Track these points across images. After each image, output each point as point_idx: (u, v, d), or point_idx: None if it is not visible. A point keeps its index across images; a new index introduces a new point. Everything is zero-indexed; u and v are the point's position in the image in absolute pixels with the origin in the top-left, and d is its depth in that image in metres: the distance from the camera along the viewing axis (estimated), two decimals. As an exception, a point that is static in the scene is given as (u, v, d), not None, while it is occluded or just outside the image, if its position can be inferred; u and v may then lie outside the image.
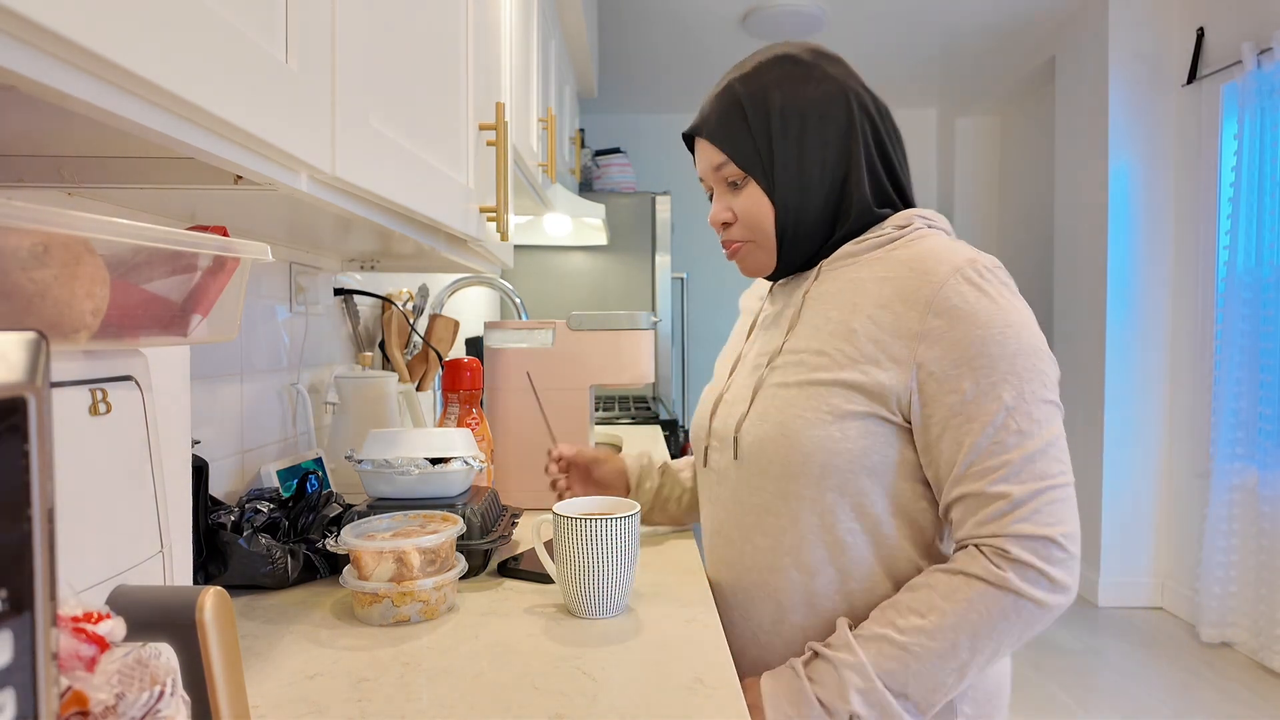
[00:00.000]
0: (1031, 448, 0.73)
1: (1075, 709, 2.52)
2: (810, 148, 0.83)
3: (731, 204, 0.88)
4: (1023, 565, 0.72)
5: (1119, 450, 3.35)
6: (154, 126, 0.40)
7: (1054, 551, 0.72)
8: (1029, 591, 0.72)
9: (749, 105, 0.84)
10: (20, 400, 0.24)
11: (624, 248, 3.52)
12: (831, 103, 0.83)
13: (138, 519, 0.49)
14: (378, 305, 1.64)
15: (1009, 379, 0.74)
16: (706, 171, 0.89)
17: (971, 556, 0.74)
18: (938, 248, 0.79)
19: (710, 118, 0.86)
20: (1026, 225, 4.57)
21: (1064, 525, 0.73)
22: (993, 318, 0.74)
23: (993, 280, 0.77)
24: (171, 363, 0.57)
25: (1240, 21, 2.92)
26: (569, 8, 2.63)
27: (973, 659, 0.74)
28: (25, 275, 0.37)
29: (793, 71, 0.84)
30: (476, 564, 0.97)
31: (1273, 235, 2.78)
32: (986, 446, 0.73)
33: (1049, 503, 0.73)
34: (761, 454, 0.83)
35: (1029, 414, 0.73)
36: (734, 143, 0.85)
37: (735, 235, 0.89)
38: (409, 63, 0.79)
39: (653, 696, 0.65)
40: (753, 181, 0.85)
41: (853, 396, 0.78)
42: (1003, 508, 0.73)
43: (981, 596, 0.73)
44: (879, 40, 3.86)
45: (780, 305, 0.92)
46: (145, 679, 0.33)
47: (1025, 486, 0.73)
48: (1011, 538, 0.72)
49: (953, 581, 0.74)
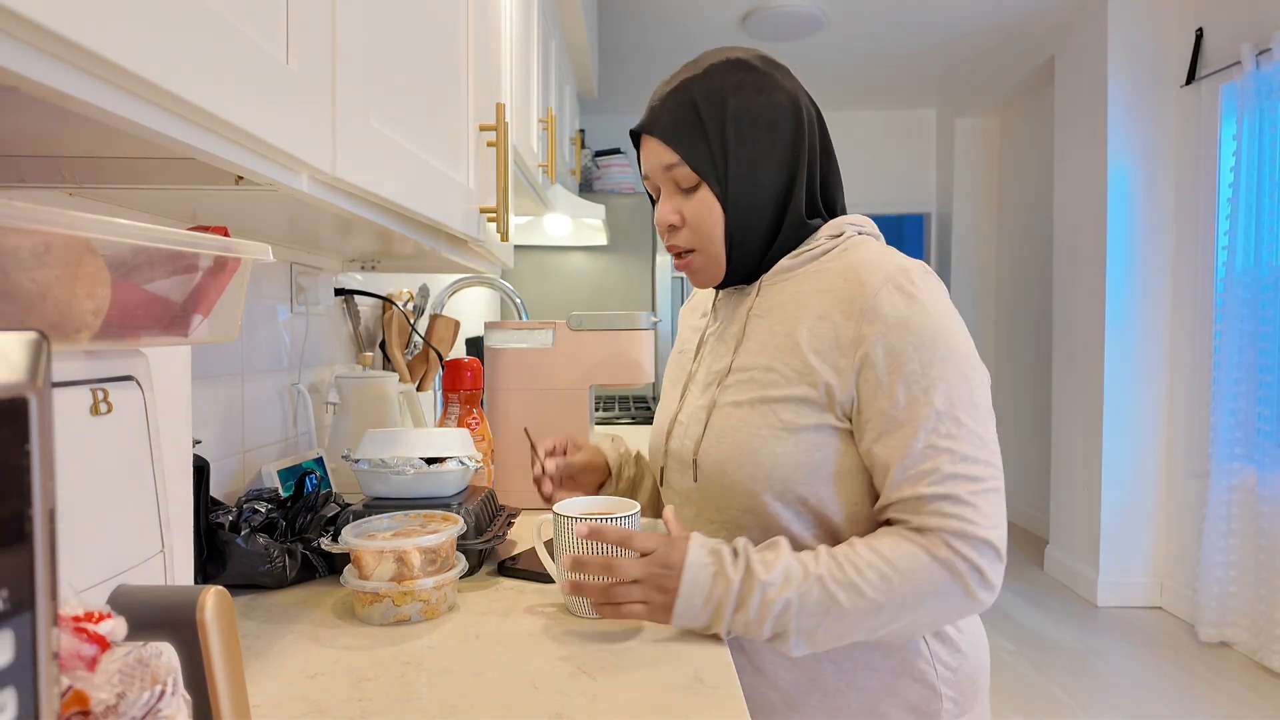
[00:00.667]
0: (962, 451, 0.74)
1: (1074, 709, 2.52)
2: (761, 156, 0.83)
3: (681, 207, 0.86)
4: (964, 559, 0.73)
5: (1118, 450, 3.36)
6: (155, 127, 0.40)
7: (989, 554, 0.74)
8: (966, 581, 0.73)
9: (704, 107, 0.83)
10: (21, 400, 0.24)
11: (624, 248, 3.52)
12: (782, 113, 0.83)
13: (139, 519, 0.50)
14: (378, 305, 1.64)
15: (939, 384, 0.75)
16: (655, 170, 0.87)
17: (925, 535, 0.75)
18: (870, 257, 0.81)
19: (662, 116, 0.85)
20: (1026, 226, 4.57)
21: (998, 529, 0.75)
22: (922, 324, 0.76)
23: (923, 287, 0.78)
24: (172, 363, 0.57)
25: (1239, 22, 2.92)
26: (569, 8, 2.63)
27: (887, 625, 0.74)
28: (26, 275, 0.37)
29: (746, 79, 0.83)
30: (472, 564, 0.97)
31: (1271, 236, 2.78)
32: (920, 450, 0.75)
33: (985, 503, 0.74)
34: (723, 474, 0.83)
35: (958, 418, 0.75)
36: (688, 145, 0.83)
37: (682, 241, 0.87)
38: (409, 63, 0.79)
39: (653, 696, 0.65)
40: (705, 186, 0.84)
41: (804, 410, 0.79)
42: (944, 507, 0.74)
43: (925, 569, 0.73)
44: (879, 40, 3.86)
45: (724, 322, 0.92)
46: (146, 678, 0.34)
47: (962, 488, 0.74)
48: (956, 535, 0.73)
49: (903, 548, 0.74)
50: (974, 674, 0.85)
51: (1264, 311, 2.80)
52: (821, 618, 0.73)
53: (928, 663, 0.82)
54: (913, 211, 5.16)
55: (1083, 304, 3.52)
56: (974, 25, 3.67)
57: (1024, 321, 4.64)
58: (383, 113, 0.71)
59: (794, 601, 0.73)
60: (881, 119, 5.10)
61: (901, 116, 5.10)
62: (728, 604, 0.74)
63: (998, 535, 0.74)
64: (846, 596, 0.73)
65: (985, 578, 0.74)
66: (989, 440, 0.77)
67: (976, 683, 0.85)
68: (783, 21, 3.53)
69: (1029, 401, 4.59)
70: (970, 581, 0.74)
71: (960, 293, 5.00)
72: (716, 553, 0.76)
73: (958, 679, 0.83)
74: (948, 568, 0.73)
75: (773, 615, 0.73)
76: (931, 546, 0.74)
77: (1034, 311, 4.51)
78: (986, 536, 0.73)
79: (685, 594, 0.74)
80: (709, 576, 0.75)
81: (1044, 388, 4.39)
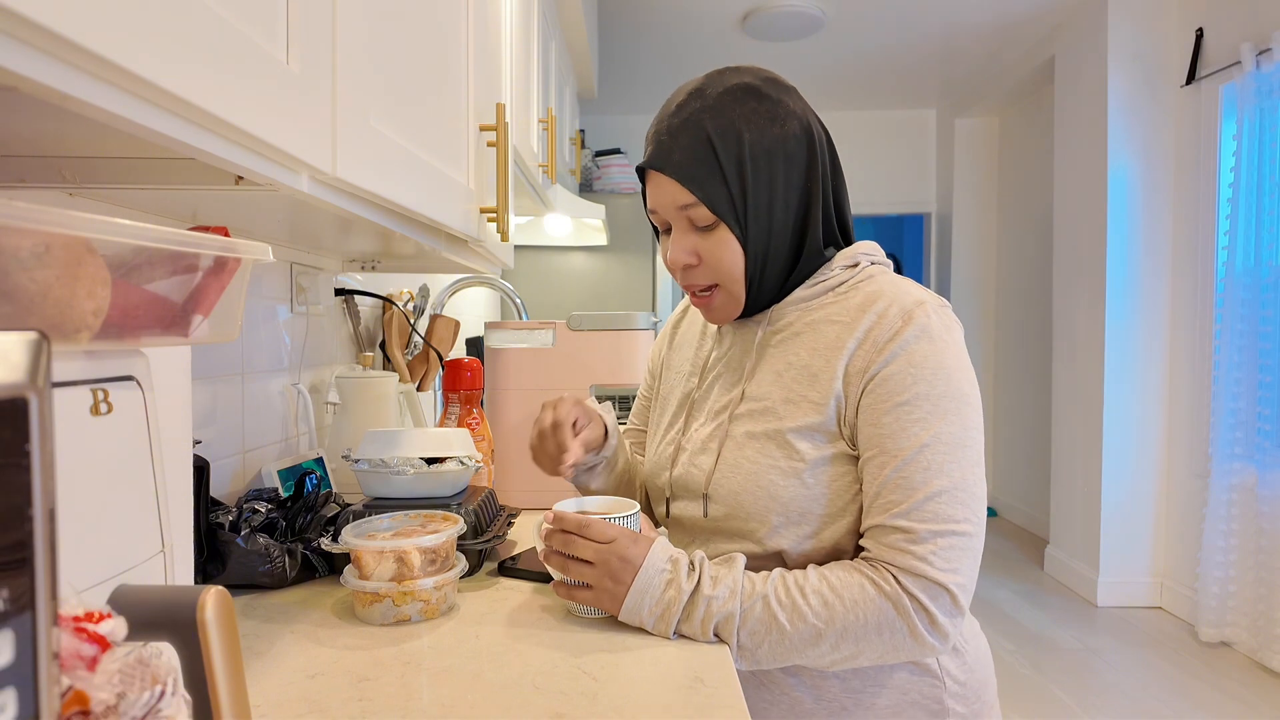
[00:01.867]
0: (937, 487, 0.73)
1: (1074, 709, 2.52)
2: (778, 190, 0.81)
3: (697, 246, 0.83)
4: (912, 599, 0.72)
5: (1118, 450, 3.36)
6: (155, 127, 0.40)
7: (943, 600, 0.72)
8: (913, 621, 0.72)
9: (720, 145, 0.79)
10: (22, 400, 0.24)
11: (624, 248, 3.52)
12: (796, 142, 0.82)
13: (139, 518, 0.50)
14: (378, 305, 1.64)
15: (929, 420, 0.74)
16: (667, 208, 0.82)
17: (875, 568, 0.74)
18: (886, 289, 0.80)
19: (674, 154, 0.80)
20: (1026, 225, 4.57)
21: (959, 575, 0.72)
22: (927, 359, 0.76)
23: (937, 323, 0.77)
24: (173, 363, 0.57)
25: (1239, 22, 2.92)
26: (569, 8, 2.63)
27: (827, 655, 0.74)
28: (27, 275, 0.37)
29: (759, 109, 0.80)
30: (472, 564, 0.97)
31: (1271, 236, 2.78)
32: (894, 480, 0.74)
33: (947, 547, 0.72)
34: (739, 507, 0.82)
35: (941, 457, 0.74)
36: (706, 186, 0.80)
37: (701, 279, 0.84)
38: (409, 64, 0.79)
39: (653, 696, 0.65)
40: (723, 226, 0.81)
41: (818, 440, 0.79)
42: (899, 541, 0.73)
43: (869, 603, 0.72)
44: (879, 40, 3.86)
45: (729, 348, 0.90)
46: (146, 678, 0.34)
47: (925, 525, 0.73)
48: (906, 573, 0.72)
49: (851, 579, 0.74)
50: (981, 687, 0.84)
51: (1264, 311, 2.80)
52: (763, 636, 0.74)
53: (937, 678, 0.81)
54: (913, 211, 5.16)
55: (1083, 304, 3.52)
56: (974, 25, 3.67)
57: (1024, 321, 4.64)
58: (383, 113, 0.71)
59: (736, 616, 0.74)
60: (881, 119, 5.10)
61: (901, 116, 5.10)
62: (674, 612, 0.75)
63: (956, 582, 0.72)
64: (787, 618, 0.73)
65: (935, 625, 0.72)
66: (970, 486, 0.74)
67: (983, 695, 0.84)
68: (783, 21, 3.53)
69: (1029, 401, 4.59)
70: (917, 623, 0.72)
71: (960, 293, 5.00)
72: (675, 561, 0.77)
73: (965, 693, 0.82)
74: (894, 604, 0.72)
75: (713, 625, 0.74)
76: (878, 580, 0.73)
77: (1034, 311, 4.51)
78: (941, 580, 0.71)
79: (636, 592, 0.76)
80: (662, 583, 0.76)
81: (1044, 387, 4.39)
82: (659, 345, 1.07)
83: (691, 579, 0.76)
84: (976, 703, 0.83)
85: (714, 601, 0.74)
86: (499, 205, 1.07)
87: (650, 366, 1.08)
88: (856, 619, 0.72)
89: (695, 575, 0.76)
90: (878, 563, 0.74)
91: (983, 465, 0.77)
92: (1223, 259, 3.00)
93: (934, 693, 0.81)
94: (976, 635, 0.87)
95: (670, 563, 0.77)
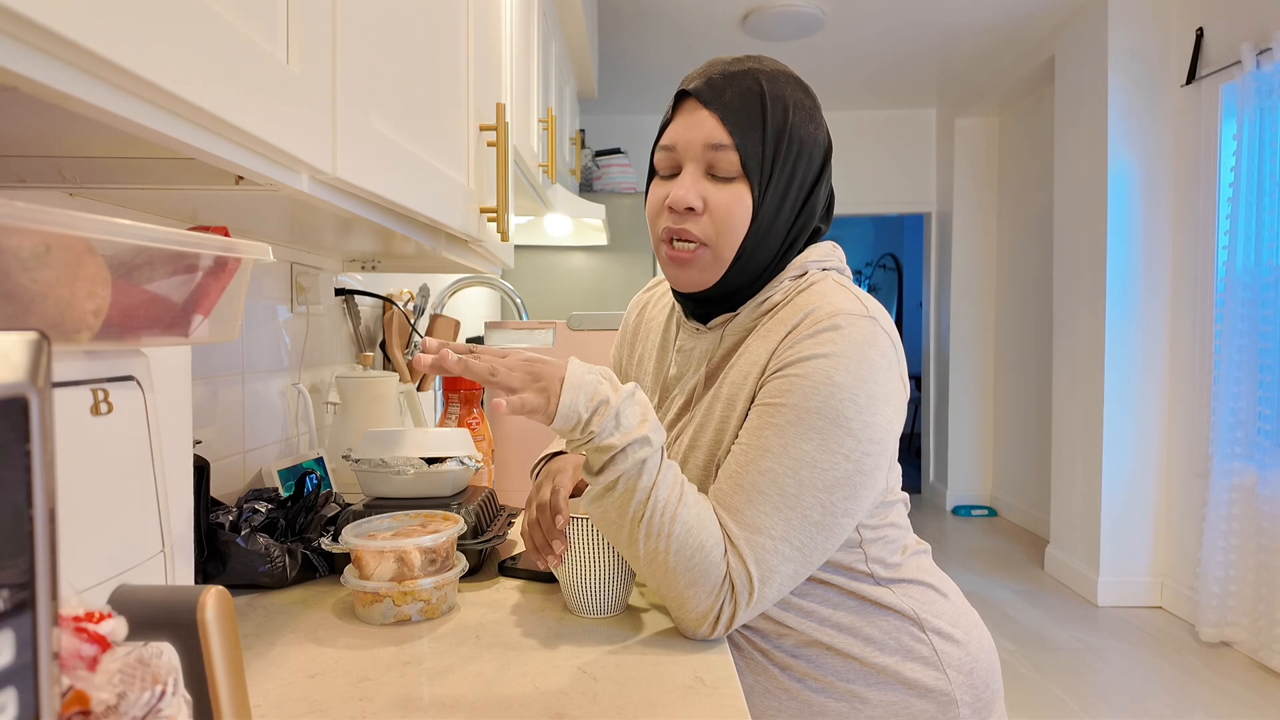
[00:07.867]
0: (764, 497, 0.72)
1: (1075, 709, 2.52)
2: (794, 182, 0.81)
3: (708, 193, 0.79)
4: (732, 583, 0.72)
5: (1118, 449, 3.36)
6: (155, 127, 0.40)
7: (742, 586, 0.72)
8: (728, 578, 0.72)
9: (770, 108, 0.78)
10: (22, 400, 0.24)
11: (624, 248, 3.52)
12: (819, 149, 0.82)
13: (139, 518, 0.50)
14: (378, 305, 1.64)
15: (784, 429, 0.73)
16: (694, 144, 0.79)
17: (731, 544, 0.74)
18: (815, 298, 0.78)
19: (725, 92, 0.78)
20: (1026, 225, 4.57)
21: (765, 574, 0.72)
22: (814, 372, 0.73)
23: (846, 335, 0.74)
24: (173, 363, 0.57)
25: (1239, 22, 2.92)
26: (569, 8, 2.63)
27: (636, 543, 0.73)
28: (27, 276, 0.37)
29: (804, 102, 0.81)
30: (472, 564, 0.97)
31: (1272, 235, 2.78)
32: (733, 469, 0.75)
33: (758, 547, 0.72)
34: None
35: (779, 468, 0.72)
36: (747, 134, 0.77)
37: (697, 229, 0.79)
38: (410, 64, 0.79)
39: (653, 696, 0.65)
40: (743, 183, 0.78)
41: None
42: (724, 520, 0.74)
43: (702, 526, 0.72)
44: (879, 40, 3.86)
45: (683, 370, 0.88)
46: (147, 678, 0.34)
47: (737, 524, 0.73)
48: (735, 554, 0.73)
49: (715, 533, 0.73)
50: (987, 679, 0.84)
51: (1264, 311, 2.80)
52: (649, 490, 0.71)
53: (941, 672, 0.81)
54: (913, 211, 5.17)
55: (1083, 303, 3.52)
56: (974, 25, 3.67)
57: (1024, 321, 4.64)
58: (383, 113, 0.71)
59: (654, 461, 0.71)
60: (881, 119, 5.10)
61: (901, 116, 5.10)
62: (611, 407, 0.70)
63: (759, 575, 0.72)
64: (659, 511, 0.71)
65: (733, 596, 0.73)
66: (805, 509, 0.72)
67: (990, 687, 0.84)
68: (783, 21, 3.53)
69: (1029, 401, 4.59)
70: (724, 587, 0.72)
71: (960, 293, 5.00)
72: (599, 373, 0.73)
73: (973, 683, 0.82)
74: (730, 577, 0.72)
75: (638, 438, 0.71)
76: (720, 526, 0.74)
77: (1034, 311, 4.51)
78: (750, 571, 0.72)
79: (571, 387, 0.69)
80: (595, 380, 0.71)
81: (1044, 387, 4.39)
82: (616, 357, 1.05)
83: (621, 391, 0.72)
84: (985, 691, 0.83)
85: (650, 417, 0.72)
86: (499, 205, 1.07)
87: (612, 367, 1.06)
88: (683, 530, 0.71)
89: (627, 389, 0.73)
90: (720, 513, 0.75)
91: (843, 495, 0.73)
92: (1223, 258, 3.00)
93: (940, 685, 0.81)
94: (977, 626, 0.87)
95: (596, 371, 0.73)
